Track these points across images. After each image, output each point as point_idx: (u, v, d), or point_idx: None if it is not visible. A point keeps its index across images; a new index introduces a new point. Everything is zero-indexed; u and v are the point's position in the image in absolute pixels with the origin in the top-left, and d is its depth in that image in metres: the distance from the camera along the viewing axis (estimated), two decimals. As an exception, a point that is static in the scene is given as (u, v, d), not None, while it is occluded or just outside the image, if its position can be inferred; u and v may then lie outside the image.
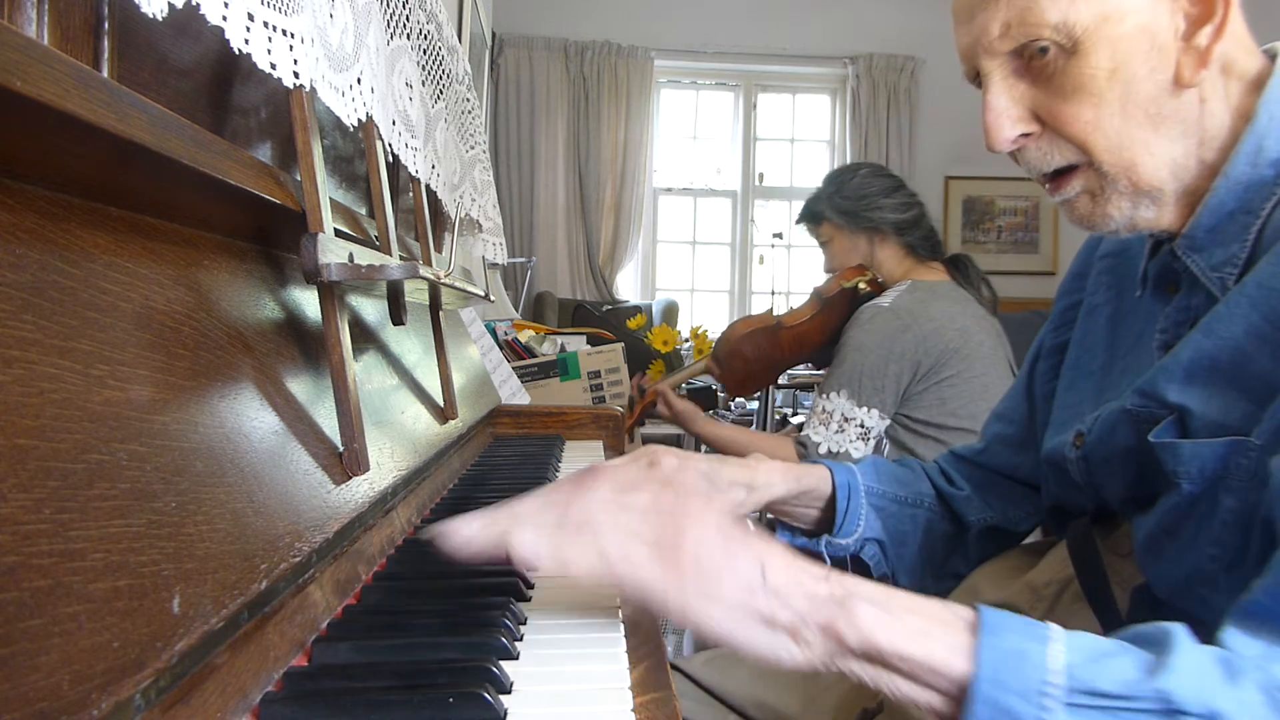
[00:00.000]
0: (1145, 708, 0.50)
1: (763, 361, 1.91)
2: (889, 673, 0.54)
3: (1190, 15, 0.68)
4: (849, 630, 0.54)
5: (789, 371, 2.89)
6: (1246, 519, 0.64)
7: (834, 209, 1.84)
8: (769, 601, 0.55)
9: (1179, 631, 0.53)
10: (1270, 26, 0.83)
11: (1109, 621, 0.79)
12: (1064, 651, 0.52)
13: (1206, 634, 0.54)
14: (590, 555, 0.55)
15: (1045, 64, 0.70)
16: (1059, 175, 0.74)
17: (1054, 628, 0.54)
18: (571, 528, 0.57)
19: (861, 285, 1.80)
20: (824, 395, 1.74)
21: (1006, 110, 0.72)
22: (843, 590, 0.56)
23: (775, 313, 1.94)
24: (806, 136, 5.77)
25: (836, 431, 1.70)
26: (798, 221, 1.98)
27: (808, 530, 0.99)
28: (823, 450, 1.70)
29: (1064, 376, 0.91)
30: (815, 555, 0.95)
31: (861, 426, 1.69)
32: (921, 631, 0.54)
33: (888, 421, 1.71)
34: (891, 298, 1.74)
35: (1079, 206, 0.74)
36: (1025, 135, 0.73)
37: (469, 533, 0.57)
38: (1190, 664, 0.50)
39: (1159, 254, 0.77)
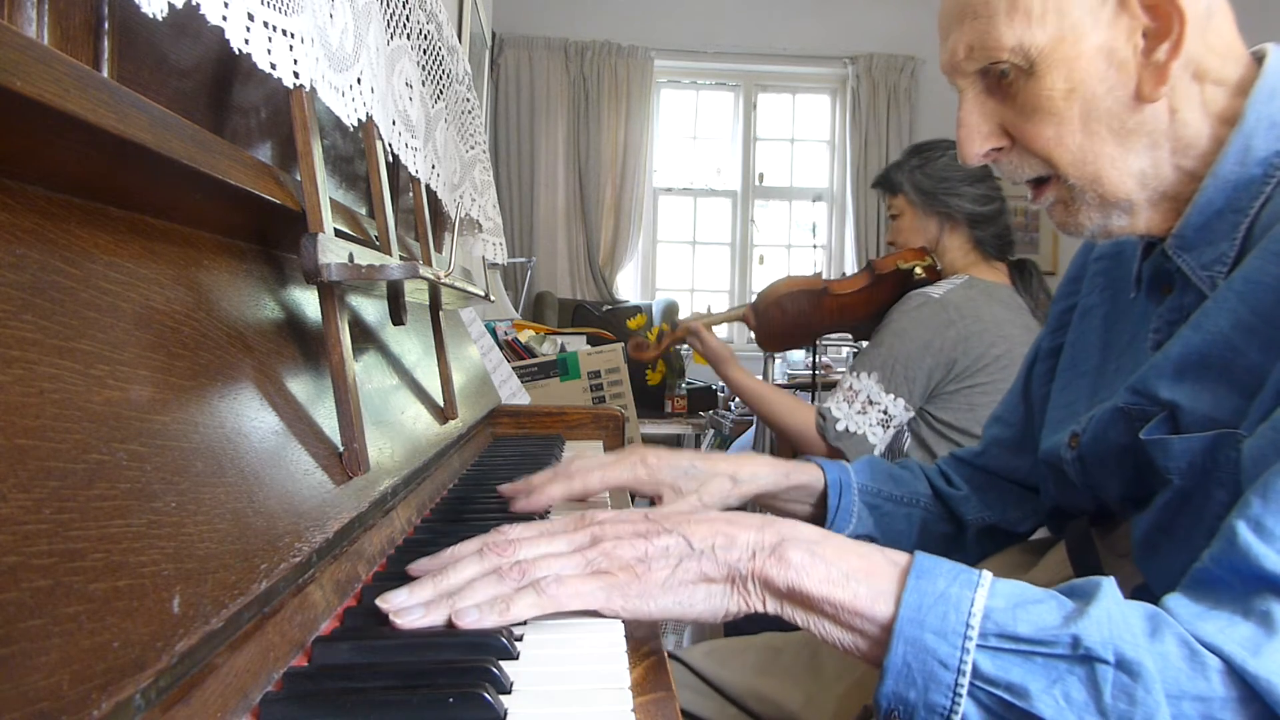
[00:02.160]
0: (1058, 652, 0.51)
1: (800, 322, 1.86)
2: (817, 616, 0.57)
3: (1149, 32, 0.68)
4: (779, 575, 0.57)
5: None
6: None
7: (913, 184, 1.77)
8: (699, 563, 0.59)
9: (1107, 584, 0.54)
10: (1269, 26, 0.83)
11: None
12: (987, 596, 0.54)
13: None
14: (539, 605, 0.58)
15: (1009, 84, 0.72)
16: (1037, 184, 0.76)
17: (985, 574, 0.55)
18: (512, 586, 0.59)
19: (918, 270, 1.75)
20: (854, 373, 1.70)
21: (976, 127, 0.75)
22: (776, 536, 0.59)
23: (825, 277, 1.89)
24: (806, 136, 5.77)
25: (859, 412, 1.65)
26: (873, 185, 1.92)
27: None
28: (840, 427, 1.66)
29: (1059, 378, 0.92)
30: None
31: (884, 413, 1.65)
32: (849, 576, 0.56)
33: (911, 414, 1.67)
34: (944, 290, 1.68)
35: (1055, 214, 0.77)
36: (997, 150, 0.75)
37: (414, 617, 0.57)
38: (1108, 613, 0.52)
39: (1152, 255, 0.78)
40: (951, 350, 1.64)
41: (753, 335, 1.94)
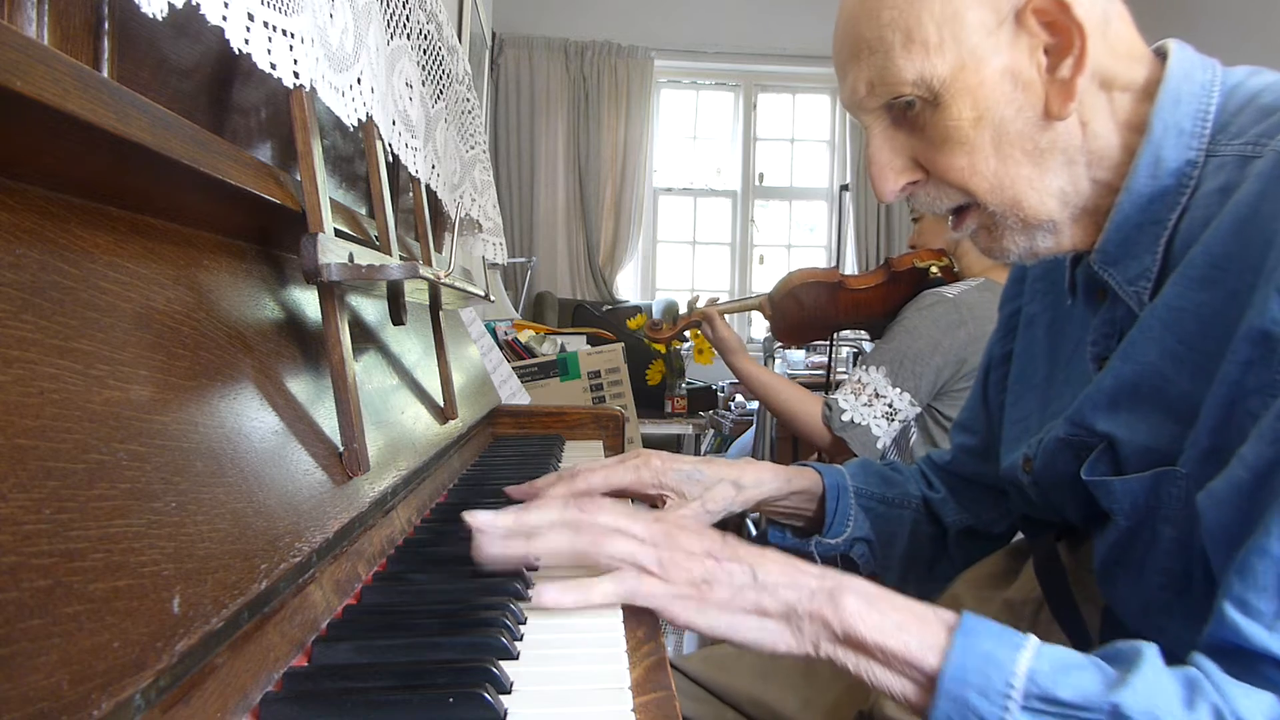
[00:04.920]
0: (1097, 719, 0.51)
1: (816, 315, 1.87)
2: (869, 660, 0.59)
3: (1050, 49, 0.67)
4: (834, 618, 0.59)
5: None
6: (1187, 546, 0.65)
7: None
8: (759, 596, 0.61)
9: (1150, 651, 0.54)
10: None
11: (1080, 643, 0.80)
12: (1031, 659, 0.54)
13: (1167, 658, 0.55)
14: (616, 594, 0.62)
15: (915, 115, 0.70)
16: (957, 212, 0.74)
17: (1032, 638, 0.56)
18: (585, 542, 0.64)
19: (934, 269, 1.77)
20: (864, 367, 1.72)
21: (889, 163, 0.73)
22: (833, 582, 0.61)
23: (843, 272, 1.91)
24: (806, 136, 5.76)
25: (865, 405, 1.67)
26: None
27: (799, 529, 1.01)
28: (845, 418, 1.67)
29: (1011, 390, 0.91)
30: (805, 555, 0.97)
31: (890, 407, 1.66)
32: (900, 626, 0.58)
33: (918, 409, 1.68)
34: (959, 290, 1.70)
35: (979, 241, 0.75)
36: (912, 183, 0.73)
37: (494, 547, 0.65)
38: (1149, 683, 0.52)
39: (1082, 263, 0.77)
40: (961, 350, 1.65)
41: (768, 326, 1.95)
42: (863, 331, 2.13)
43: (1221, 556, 0.58)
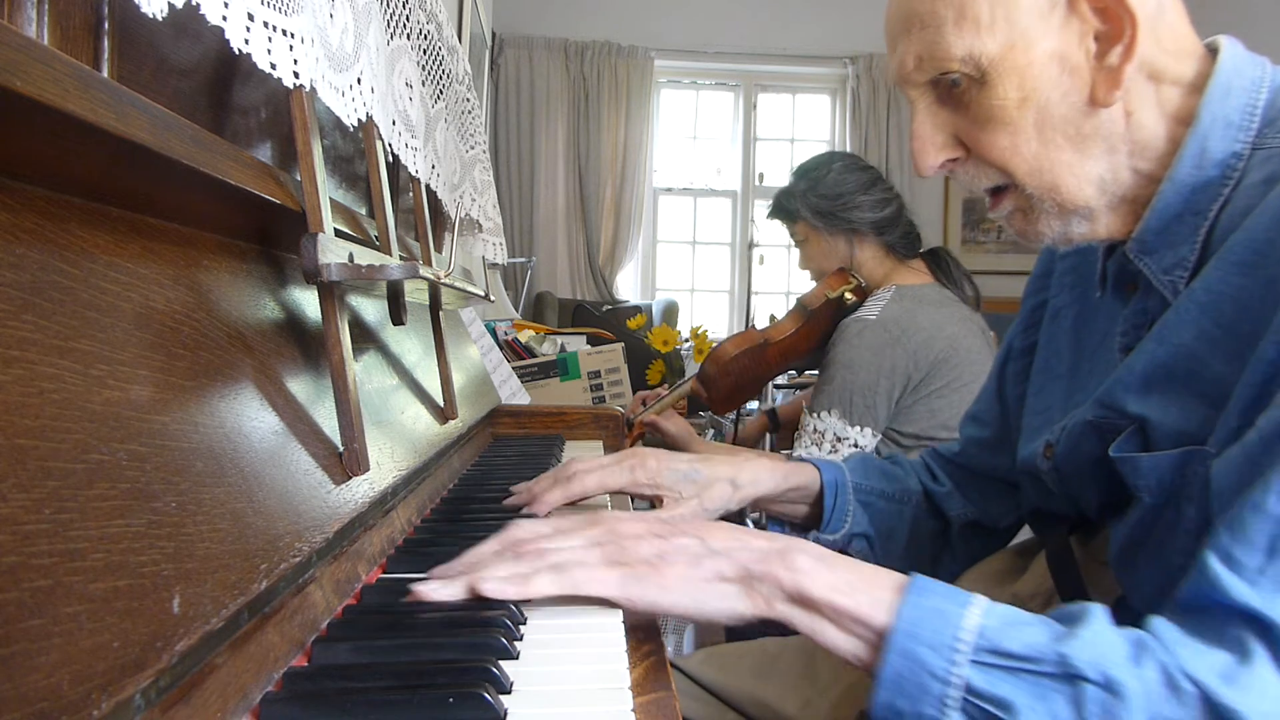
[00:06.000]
0: (1046, 670, 0.52)
1: (749, 377, 1.86)
2: (820, 619, 0.59)
3: (1100, 35, 0.67)
4: (786, 576, 0.60)
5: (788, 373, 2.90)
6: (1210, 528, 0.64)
7: (810, 208, 1.78)
8: (715, 562, 0.61)
9: (1097, 609, 0.55)
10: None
11: None
12: (980, 615, 0.55)
13: None
14: (558, 584, 0.61)
15: (961, 93, 0.71)
16: (995, 192, 0.74)
17: (980, 597, 0.57)
18: (529, 566, 0.62)
19: (847, 295, 1.74)
20: (814, 414, 1.69)
21: (930, 138, 0.73)
22: (784, 544, 0.62)
23: (759, 325, 1.88)
24: (806, 136, 5.76)
25: (830, 452, 1.65)
26: (769, 216, 1.92)
27: (797, 525, 1.01)
28: None
29: (1033, 381, 0.91)
30: None
31: (855, 446, 1.64)
32: (851, 585, 0.59)
33: (879, 437, 1.66)
34: (878, 309, 1.68)
35: (1014, 223, 0.75)
36: (952, 160, 0.74)
37: (433, 587, 0.61)
38: (1096, 636, 0.53)
39: (1115, 254, 0.77)
40: (904, 368, 1.64)
41: (706, 405, 1.95)
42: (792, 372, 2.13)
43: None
